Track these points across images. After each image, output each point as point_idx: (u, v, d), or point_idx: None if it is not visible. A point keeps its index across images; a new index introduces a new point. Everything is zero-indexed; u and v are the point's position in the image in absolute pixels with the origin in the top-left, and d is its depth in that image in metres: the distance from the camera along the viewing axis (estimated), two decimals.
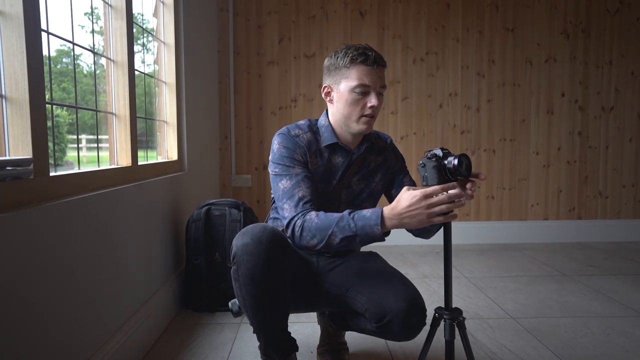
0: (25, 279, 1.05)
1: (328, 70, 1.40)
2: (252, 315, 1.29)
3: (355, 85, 1.32)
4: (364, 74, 1.32)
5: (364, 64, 1.32)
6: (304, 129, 1.43)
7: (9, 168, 1.07)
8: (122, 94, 1.76)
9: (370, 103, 1.34)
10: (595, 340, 1.84)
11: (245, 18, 3.41)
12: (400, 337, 1.31)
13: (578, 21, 3.53)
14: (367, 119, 1.37)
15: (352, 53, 1.33)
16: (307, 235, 1.25)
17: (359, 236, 1.20)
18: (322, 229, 1.23)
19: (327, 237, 1.22)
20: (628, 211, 3.67)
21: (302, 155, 1.38)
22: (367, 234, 1.19)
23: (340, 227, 1.21)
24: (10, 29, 1.11)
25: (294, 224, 1.28)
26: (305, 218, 1.26)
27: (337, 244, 1.23)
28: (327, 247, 1.24)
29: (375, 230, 1.18)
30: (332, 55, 1.38)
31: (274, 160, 1.39)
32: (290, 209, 1.30)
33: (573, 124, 3.60)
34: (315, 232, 1.24)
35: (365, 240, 1.21)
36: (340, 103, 1.37)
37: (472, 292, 2.43)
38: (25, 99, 1.13)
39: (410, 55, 3.48)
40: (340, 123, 1.41)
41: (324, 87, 1.42)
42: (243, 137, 3.48)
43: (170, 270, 2.12)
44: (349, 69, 1.33)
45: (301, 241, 1.27)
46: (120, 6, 1.73)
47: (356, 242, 1.22)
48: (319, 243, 1.24)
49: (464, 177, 1.17)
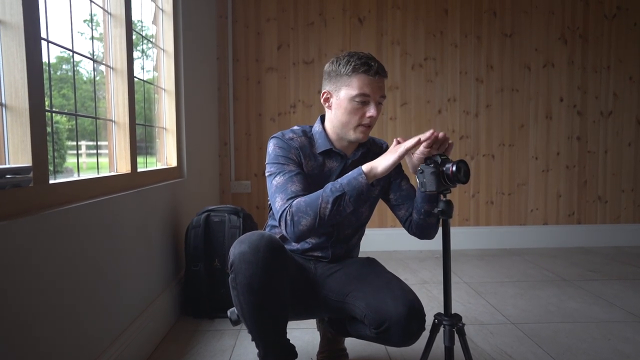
0: (25, 286, 1.04)
1: (329, 76, 1.39)
2: (250, 323, 1.29)
3: (356, 95, 1.33)
4: (365, 83, 1.32)
5: (366, 73, 1.32)
6: (297, 133, 1.44)
7: (8, 176, 1.07)
8: (121, 101, 1.77)
9: (369, 113, 1.34)
10: (596, 345, 1.83)
11: (244, 25, 3.42)
12: (399, 343, 1.31)
13: (576, 26, 3.55)
14: (364, 128, 1.38)
15: (355, 62, 1.32)
16: (300, 217, 1.23)
17: (347, 193, 1.22)
18: (311, 203, 1.23)
19: (319, 208, 1.22)
20: (627, 216, 3.67)
21: (296, 155, 1.39)
22: (353, 187, 1.22)
23: (328, 193, 1.23)
24: (10, 37, 1.12)
25: (285, 214, 1.26)
26: (292, 204, 1.26)
27: (330, 212, 1.22)
28: (321, 221, 1.23)
29: (360, 179, 1.22)
30: (334, 62, 1.38)
31: (270, 161, 1.39)
32: (282, 202, 1.28)
33: (572, 129, 3.60)
34: (306, 209, 1.23)
35: (354, 195, 1.23)
36: (339, 110, 1.38)
37: (472, 297, 2.43)
38: (25, 108, 1.13)
39: (408, 61, 3.50)
40: (336, 129, 1.41)
41: (324, 93, 1.42)
42: (242, 143, 3.48)
43: (169, 276, 2.12)
44: (350, 77, 1.33)
45: (296, 228, 1.25)
46: (120, 14, 1.74)
47: (346, 202, 1.23)
48: (314, 219, 1.23)
49: (462, 183, 1.18)
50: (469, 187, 3.59)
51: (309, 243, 1.50)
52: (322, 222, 1.24)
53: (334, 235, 1.49)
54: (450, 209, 1.21)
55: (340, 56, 1.37)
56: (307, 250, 1.51)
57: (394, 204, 1.51)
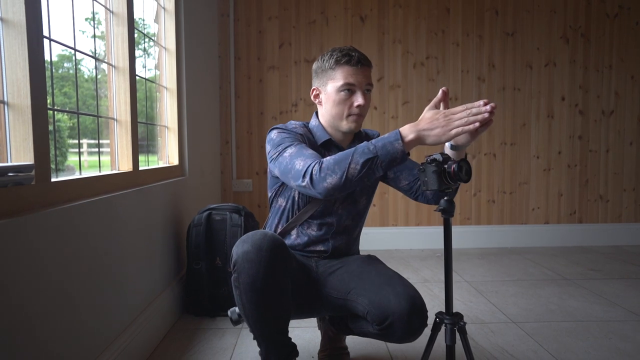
0: (27, 284, 1.05)
1: (316, 73, 1.46)
2: (253, 322, 1.29)
3: (341, 85, 1.37)
4: (349, 73, 1.37)
5: (348, 64, 1.37)
6: (298, 125, 1.49)
7: (10, 174, 1.08)
8: (123, 99, 1.77)
9: (357, 102, 1.38)
10: (597, 344, 1.84)
11: (246, 23, 3.42)
12: (402, 339, 1.31)
13: (577, 25, 3.54)
14: (355, 117, 1.41)
15: (336, 55, 1.38)
16: (327, 173, 1.18)
17: (379, 157, 1.15)
18: (341, 161, 1.18)
19: (347, 167, 1.17)
20: (629, 215, 3.67)
21: (302, 139, 1.40)
22: (387, 152, 1.15)
23: (359, 152, 1.17)
24: (13, 36, 1.12)
25: (311, 168, 1.21)
26: (322, 160, 1.22)
27: (358, 173, 1.16)
28: (347, 180, 1.17)
29: (397, 146, 1.14)
30: (319, 59, 1.44)
31: (274, 144, 1.36)
32: (305, 162, 1.25)
33: (573, 128, 3.60)
34: (334, 166, 1.18)
35: (386, 160, 1.15)
36: (328, 104, 1.42)
37: (473, 296, 2.43)
38: (27, 106, 1.13)
39: (410, 60, 3.49)
40: (330, 123, 1.46)
41: (313, 90, 1.48)
42: (244, 141, 3.48)
43: (171, 275, 2.13)
44: (334, 70, 1.39)
45: (320, 182, 1.19)
46: (122, 12, 1.74)
47: (377, 165, 1.16)
48: (340, 178, 1.17)
49: (464, 182, 1.17)
50: (471, 185, 3.59)
51: (308, 236, 1.50)
52: (348, 183, 1.18)
53: (334, 226, 1.50)
54: (452, 207, 1.21)
55: (325, 53, 1.43)
56: (308, 244, 1.51)
57: (392, 177, 1.52)
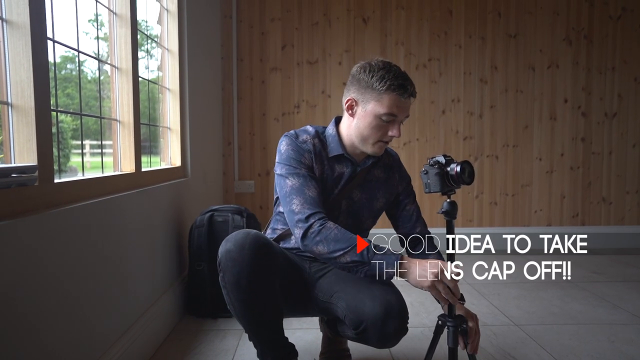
0: (30, 285, 1.05)
1: (359, 83, 1.32)
2: (243, 321, 1.30)
3: (384, 113, 1.29)
4: (395, 104, 1.29)
5: (400, 95, 1.28)
6: (311, 134, 1.42)
7: (14, 175, 1.08)
8: (126, 100, 1.77)
9: (392, 132, 1.32)
10: (600, 347, 1.83)
11: (249, 25, 3.43)
12: (378, 344, 1.29)
13: (580, 27, 3.54)
14: (383, 144, 1.37)
15: (391, 81, 1.27)
16: (321, 241, 1.22)
17: (369, 267, 1.19)
18: (338, 241, 1.21)
19: (340, 252, 1.20)
20: (632, 217, 3.65)
21: (309, 159, 1.37)
22: (378, 269, 1.19)
23: (357, 249, 1.20)
24: (17, 37, 1.12)
25: (310, 224, 1.24)
26: (325, 225, 1.24)
27: (344, 263, 1.21)
28: (332, 260, 1.23)
29: (389, 271, 1.18)
30: (367, 70, 1.31)
31: (281, 160, 1.37)
32: (302, 206, 1.27)
33: (576, 130, 3.59)
34: (330, 241, 1.21)
35: (372, 274, 1.20)
36: (362, 122, 1.34)
37: (476, 298, 2.42)
38: (31, 107, 1.14)
39: (412, 62, 3.49)
40: (353, 138, 1.39)
41: (349, 99, 1.35)
42: (246, 143, 3.49)
43: (173, 276, 2.13)
44: (382, 94, 1.28)
45: (309, 243, 1.24)
46: (125, 14, 1.75)
47: (363, 271, 1.20)
48: (328, 254, 1.22)
49: (467, 184, 1.17)
50: (473, 188, 3.58)
51: None
52: (331, 261, 1.25)
53: None
54: (454, 209, 1.21)
55: (375, 66, 1.30)
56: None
57: (393, 219, 1.55)
